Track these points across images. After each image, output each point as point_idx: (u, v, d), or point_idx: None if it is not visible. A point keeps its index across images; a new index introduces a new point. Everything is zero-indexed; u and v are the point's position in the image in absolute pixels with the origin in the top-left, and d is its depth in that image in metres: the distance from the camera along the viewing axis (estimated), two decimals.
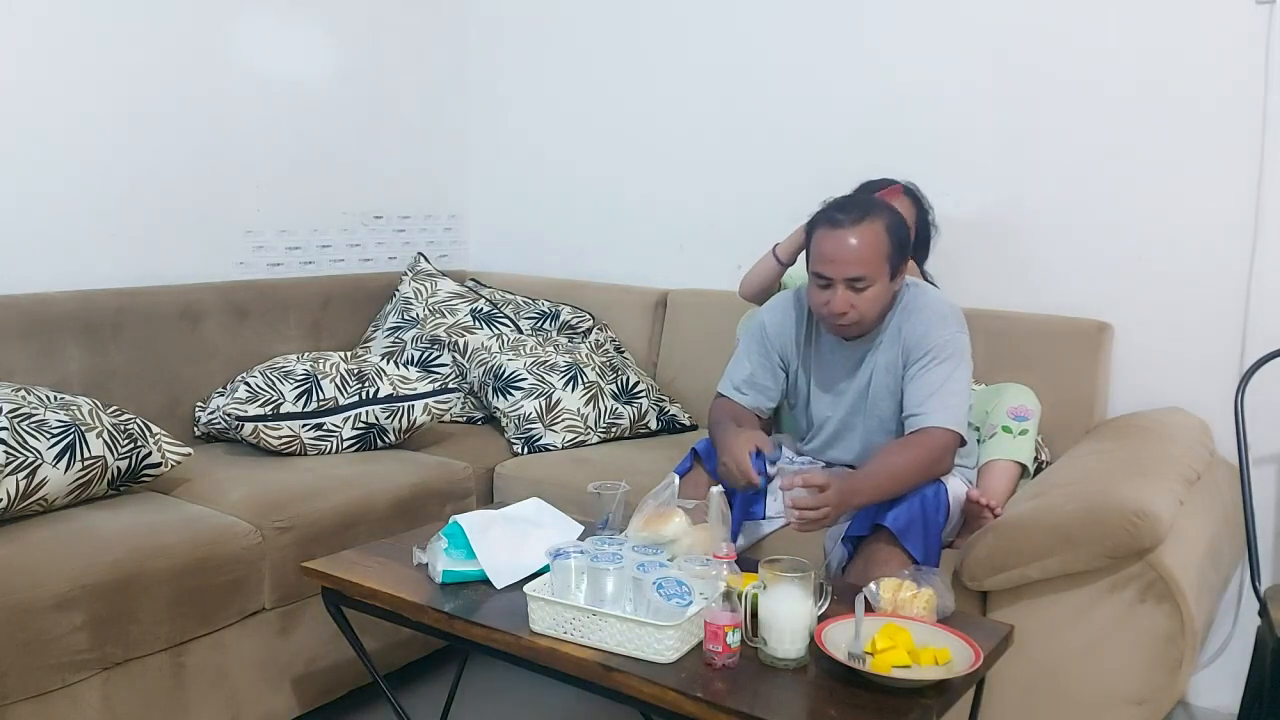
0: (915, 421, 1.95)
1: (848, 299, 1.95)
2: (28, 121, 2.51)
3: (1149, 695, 1.79)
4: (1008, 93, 2.63)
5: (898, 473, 1.91)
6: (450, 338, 3.00)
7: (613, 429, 2.84)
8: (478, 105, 3.63)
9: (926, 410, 1.94)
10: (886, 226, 1.95)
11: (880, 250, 1.94)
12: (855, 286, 1.94)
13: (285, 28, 3.07)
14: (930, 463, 1.93)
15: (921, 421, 1.94)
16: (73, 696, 1.80)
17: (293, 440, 2.49)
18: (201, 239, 2.90)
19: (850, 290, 1.94)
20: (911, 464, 1.92)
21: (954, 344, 1.99)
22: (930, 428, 1.93)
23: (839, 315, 1.96)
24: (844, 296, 1.95)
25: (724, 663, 1.51)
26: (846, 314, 1.96)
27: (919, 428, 1.95)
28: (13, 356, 2.37)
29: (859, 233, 1.93)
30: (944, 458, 1.95)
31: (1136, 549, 1.76)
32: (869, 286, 1.94)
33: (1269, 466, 2.37)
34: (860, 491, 1.88)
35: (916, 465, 1.92)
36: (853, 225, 1.93)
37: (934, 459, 1.93)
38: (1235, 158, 2.37)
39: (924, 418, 1.94)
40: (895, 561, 1.85)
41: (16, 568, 1.78)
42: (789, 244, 2.40)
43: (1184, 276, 2.45)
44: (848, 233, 1.93)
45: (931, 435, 1.93)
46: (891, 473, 1.91)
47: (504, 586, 1.78)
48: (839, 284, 1.94)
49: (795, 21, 2.95)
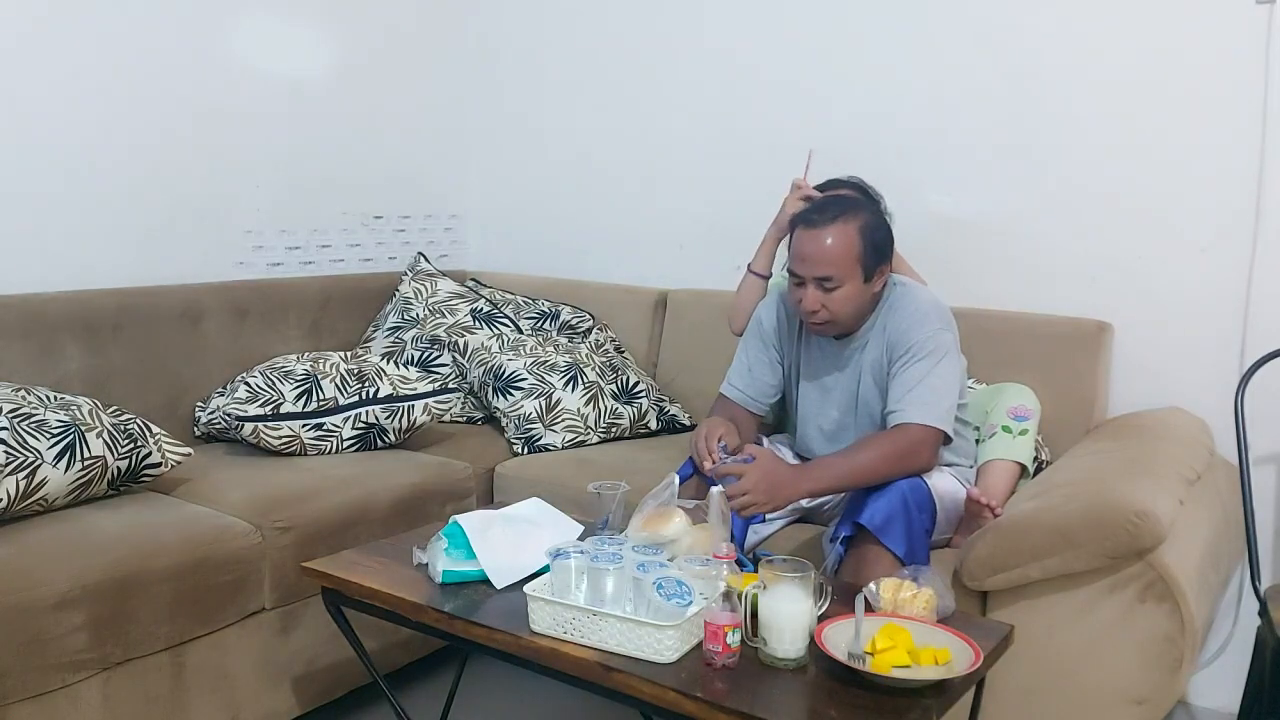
0: (893, 418, 1.96)
1: (818, 298, 1.97)
2: (28, 121, 2.51)
3: (1149, 695, 1.79)
4: (1007, 92, 2.63)
5: (860, 465, 1.91)
6: (450, 338, 3.00)
7: (613, 429, 2.84)
8: (478, 105, 3.63)
9: (902, 407, 1.95)
10: (860, 228, 1.96)
11: (851, 251, 1.95)
12: (825, 286, 1.96)
13: (285, 28, 3.07)
14: (899, 456, 1.92)
15: (898, 418, 1.95)
16: (73, 696, 1.80)
17: (293, 440, 2.49)
18: (201, 239, 2.90)
19: (820, 289, 1.96)
20: (877, 458, 1.91)
21: (934, 340, 1.99)
22: (905, 424, 1.94)
23: (811, 314, 1.99)
24: (814, 295, 1.97)
25: (724, 663, 1.51)
26: (818, 312, 1.98)
27: (895, 424, 1.95)
28: (13, 356, 2.37)
29: (831, 233, 1.95)
30: (919, 452, 1.94)
31: (1136, 549, 1.76)
32: (838, 287, 1.96)
33: (1269, 466, 2.37)
34: (811, 478, 1.90)
35: (883, 459, 1.91)
36: (826, 225, 1.96)
37: (905, 453, 1.92)
38: (1235, 157, 2.37)
39: (900, 414, 1.95)
40: (885, 561, 1.85)
41: (16, 568, 1.78)
42: (761, 255, 2.46)
43: (1184, 276, 2.45)
44: (821, 233, 1.96)
45: (906, 431, 1.93)
46: (853, 465, 1.92)
47: (504, 586, 1.78)
48: (810, 283, 1.97)
49: (795, 22, 2.95)
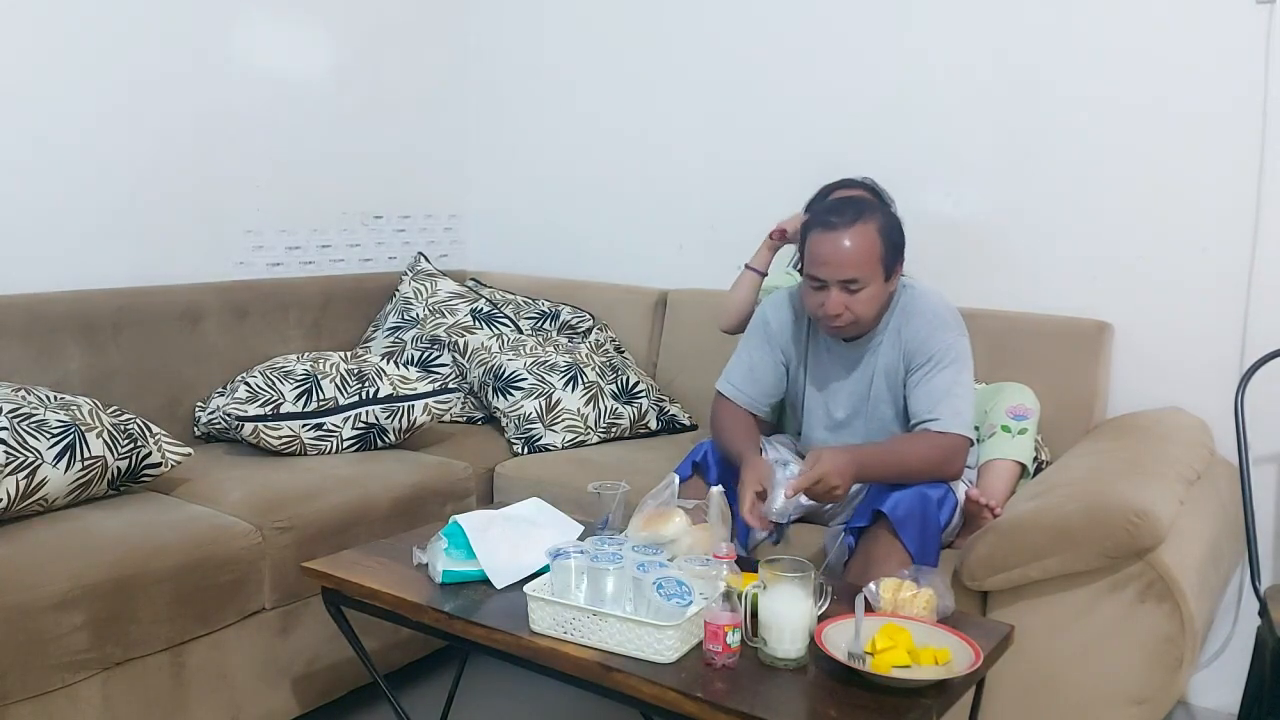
0: (931, 426, 1.95)
1: (842, 301, 1.95)
2: (27, 122, 2.51)
3: (1149, 695, 1.79)
4: (1008, 93, 2.63)
5: (907, 460, 1.92)
6: (450, 338, 3.00)
7: (613, 429, 2.84)
8: (478, 105, 3.63)
9: (939, 415, 1.94)
10: (880, 228, 1.96)
11: (874, 252, 1.94)
12: (849, 288, 1.94)
13: (285, 28, 3.07)
14: (940, 462, 1.93)
15: (937, 426, 1.94)
16: (73, 696, 1.80)
17: (293, 440, 2.49)
18: (201, 239, 2.90)
19: (845, 292, 1.95)
20: (920, 460, 1.92)
21: (956, 348, 1.99)
22: (944, 432, 1.93)
23: (834, 318, 1.97)
24: (838, 299, 1.95)
25: (724, 663, 1.51)
26: (841, 315, 1.96)
27: (934, 431, 1.94)
28: (13, 356, 2.37)
29: (852, 234, 1.93)
30: (955, 460, 1.94)
31: (1136, 549, 1.76)
32: (863, 288, 1.94)
33: (1269, 466, 2.37)
34: (860, 464, 1.88)
35: (924, 461, 1.92)
36: (846, 227, 1.94)
37: (944, 459, 1.93)
38: (1235, 157, 2.36)
39: (938, 423, 1.93)
40: (895, 557, 1.85)
41: (16, 568, 1.78)
42: (759, 255, 2.48)
43: (1184, 276, 2.45)
44: (841, 235, 1.93)
45: (946, 439, 1.93)
46: (901, 458, 1.92)
47: (504, 586, 1.78)
48: (833, 286, 1.95)
49: (794, 22, 2.95)
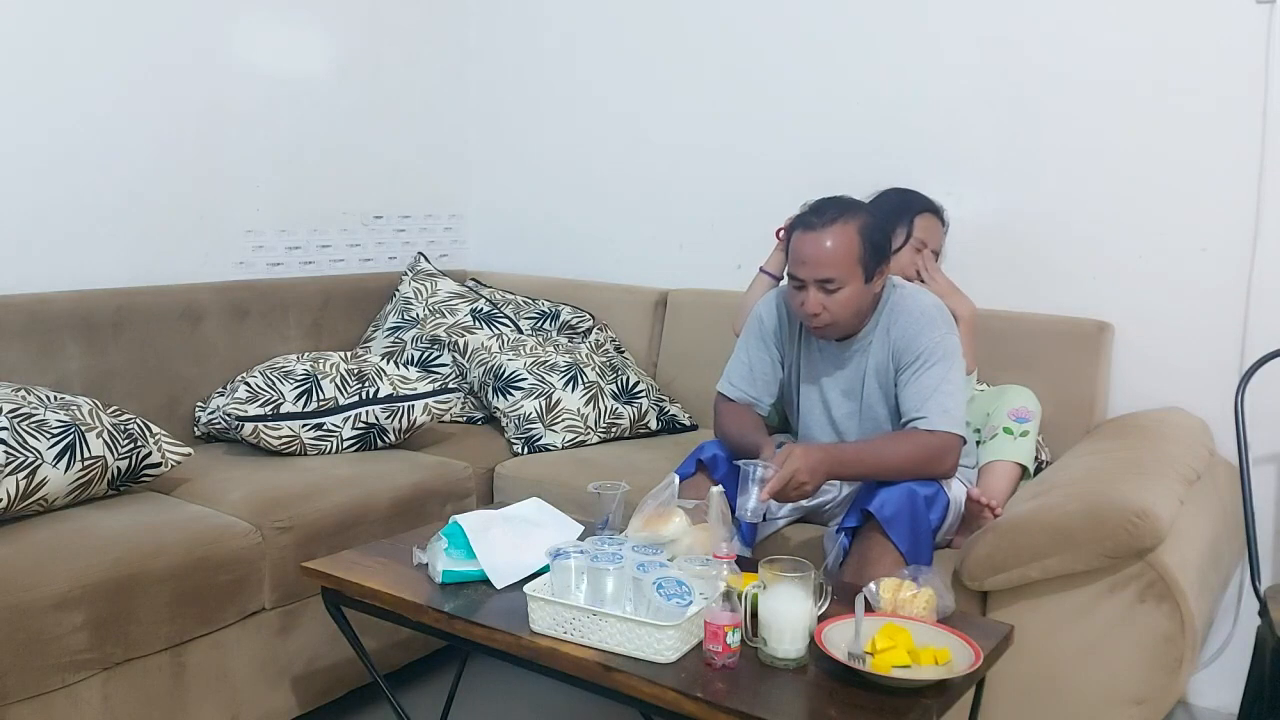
0: (919, 424, 1.95)
1: (819, 300, 1.96)
2: (27, 122, 2.51)
3: (1149, 695, 1.79)
4: (1008, 93, 2.63)
5: (887, 461, 1.92)
6: (450, 338, 3.00)
7: (613, 429, 2.84)
8: (478, 105, 3.63)
9: (926, 413, 1.94)
10: (860, 229, 1.96)
11: (852, 252, 1.94)
12: (826, 288, 1.95)
13: (285, 27, 3.07)
14: (926, 460, 1.93)
15: (925, 424, 1.94)
16: (73, 696, 1.80)
17: (293, 440, 2.49)
18: (201, 239, 2.90)
19: (822, 291, 1.96)
20: (904, 458, 1.92)
21: (944, 345, 1.99)
22: (932, 430, 1.93)
23: (812, 316, 1.98)
24: (816, 298, 1.96)
25: (724, 663, 1.51)
26: (819, 315, 1.97)
27: (922, 429, 1.94)
28: (13, 356, 2.37)
29: (831, 234, 1.94)
30: (943, 458, 1.94)
31: (1136, 549, 1.76)
32: (840, 288, 1.95)
33: (1269, 466, 2.37)
34: (839, 462, 1.90)
35: (909, 460, 1.92)
36: (825, 227, 1.95)
37: (930, 457, 1.93)
38: (1235, 157, 2.36)
39: (926, 420, 1.94)
40: (889, 557, 1.85)
41: (16, 568, 1.78)
42: (773, 258, 2.46)
43: (1184, 276, 2.45)
44: (820, 235, 1.95)
45: (934, 436, 1.93)
46: (881, 459, 1.93)
47: (504, 586, 1.78)
48: (811, 285, 1.96)
49: (796, 22, 2.95)
